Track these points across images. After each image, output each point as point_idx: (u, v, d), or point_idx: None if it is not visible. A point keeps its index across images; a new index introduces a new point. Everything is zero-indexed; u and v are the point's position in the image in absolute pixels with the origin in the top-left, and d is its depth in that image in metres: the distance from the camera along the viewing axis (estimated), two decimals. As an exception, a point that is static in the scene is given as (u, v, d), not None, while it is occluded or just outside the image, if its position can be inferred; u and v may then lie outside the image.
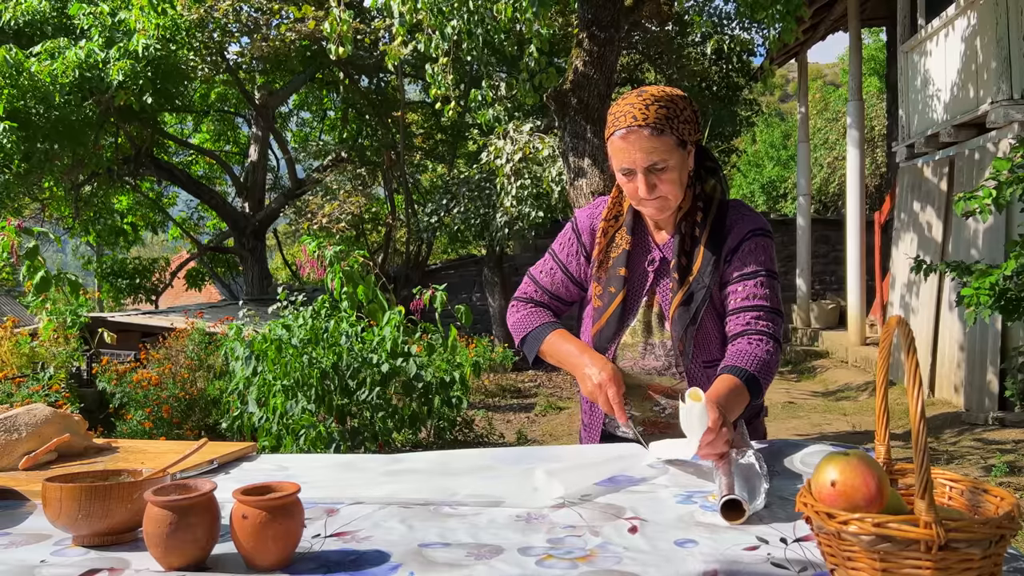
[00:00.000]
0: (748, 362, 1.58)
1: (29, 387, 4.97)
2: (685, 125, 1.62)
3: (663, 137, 1.59)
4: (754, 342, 1.61)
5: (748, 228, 1.68)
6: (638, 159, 1.60)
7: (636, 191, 1.63)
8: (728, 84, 11.85)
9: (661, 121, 1.58)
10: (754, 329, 1.62)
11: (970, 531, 0.85)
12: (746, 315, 1.64)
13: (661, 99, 1.60)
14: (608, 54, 5.25)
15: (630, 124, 1.59)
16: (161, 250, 22.58)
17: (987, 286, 3.98)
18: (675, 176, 1.62)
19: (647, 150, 1.59)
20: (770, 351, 1.60)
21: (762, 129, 22.22)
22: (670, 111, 1.60)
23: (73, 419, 1.69)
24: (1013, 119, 6.16)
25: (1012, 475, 4.55)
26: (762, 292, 1.65)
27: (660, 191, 1.62)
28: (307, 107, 15.99)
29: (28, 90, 8.72)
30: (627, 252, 1.73)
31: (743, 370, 1.57)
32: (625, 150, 1.60)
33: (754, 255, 1.67)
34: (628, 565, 1.04)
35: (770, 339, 1.62)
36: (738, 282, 1.66)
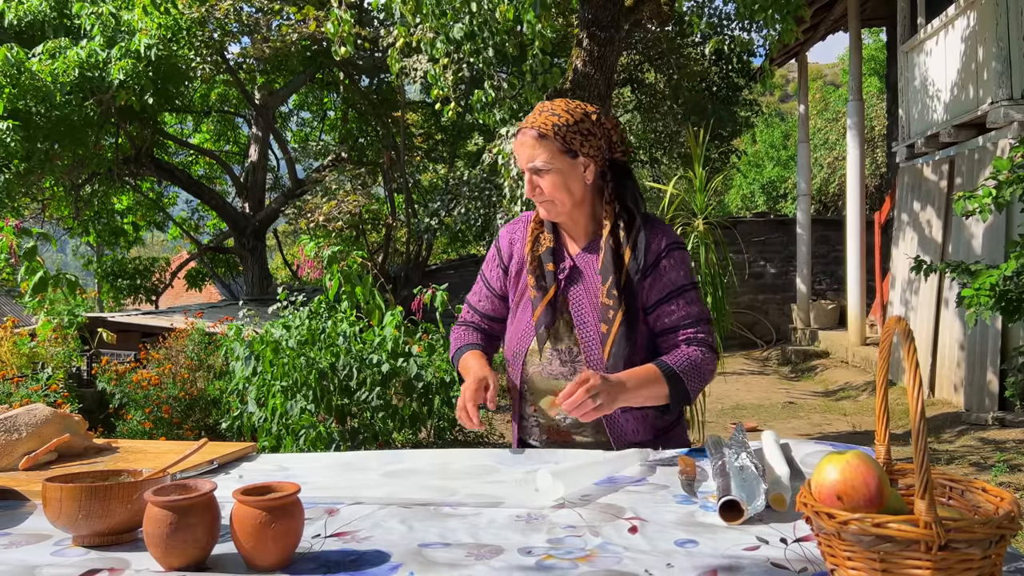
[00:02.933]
0: (676, 360, 1.67)
1: (28, 387, 4.97)
2: (579, 136, 1.71)
3: (546, 142, 1.70)
4: (691, 348, 1.71)
5: (664, 244, 1.75)
6: (522, 159, 1.74)
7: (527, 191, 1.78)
8: (728, 84, 11.85)
9: (547, 127, 1.70)
10: (693, 339, 1.72)
11: (970, 531, 0.85)
12: (685, 331, 1.73)
13: (560, 110, 1.72)
14: (608, 54, 5.25)
15: (521, 127, 1.74)
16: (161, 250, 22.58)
17: (987, 287, 3.98)
18: (558, 180, 1.72)
19: (529, 152, 1.72)
20: (704, 357, 1.70)
21: (762, 129, 22.21)
22: (564, 120, 1.71)
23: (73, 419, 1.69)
24: (1013, 119, 6.16)
25: (1012, 475, 4.55)
26: (694, 309, 1.74)
27: (544, 194, 1.73)
28: (307, 107, 15.99)
29: (29, 89, 8.73)
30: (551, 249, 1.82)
31: (667, 365, 1.66)
32: (516, 150, 1.75)
33: (676, 270, 1.75)
34: (628, 565, 1.04)
35: (707, 349, 1.71)
36: (670, 301, 1.74)
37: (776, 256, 12.82)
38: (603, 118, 1.76)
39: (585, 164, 1.73)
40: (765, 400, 7.93)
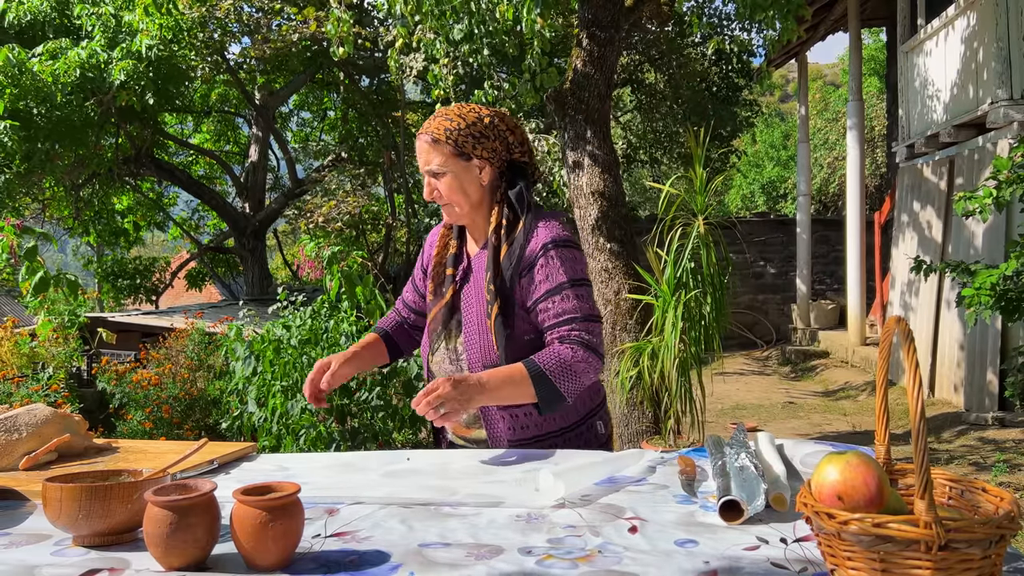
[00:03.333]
0: (545, 358, 1.66)
1: (29, 387, 4.97)
2: (471, 139, 1.75)
3: (439, 146, 1.76)
4: (564, 346, 1.68)
5: (542, 242, 1.75)
6: (421, 163, 1.80)
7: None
8: (728, 84, 11.85)
9: (439, 131, 1.75)
10: (567, 337, 1.69)
11: (970, 531, 0.85)
12: (561, 329, 1.71)
13: (453, 114, 1.77)
14: (608, 54, 5.25)
15: (419, 132, 1.80)
16: (161, 250, 22.58)
17: (988, 287, 3.98)
18: (454, 183, 1.77)
19: (425, 156, 1.78)
20: (576, 355, 1.67)
21: (762, 129, 22.20)
22: (456, 124, 1.75)
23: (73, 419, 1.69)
24: (1013, 119, 6.16)
25: (1012, 475, 4.55)
26: (570, 306, 1.71)
27: (441, 197, 1.79)
28: (307, 107, 15.99)
29: (30, 90, 8.72)
30: (454, 255, 1.88)
31: (534, 364, 1.65)
32: (416, 155, 1.81)
33: (552, 268, 1.73)
34: (628, 565, 1.04)
35: (581, 346, 1.68)
36: (545, 299, 1.73)
37: (776, 256, 12.82)
38: (499, 121, 1.79)
39: (480, 166, 1.78)
40: (765, 400, 7.93)
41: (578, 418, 1.83)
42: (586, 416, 1.85)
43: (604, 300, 5.15)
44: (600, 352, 1.71)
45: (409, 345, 2.05)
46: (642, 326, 4.99)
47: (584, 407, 1.84)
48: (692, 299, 4.29)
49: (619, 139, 13.44)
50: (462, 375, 1.61)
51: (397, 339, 2.02)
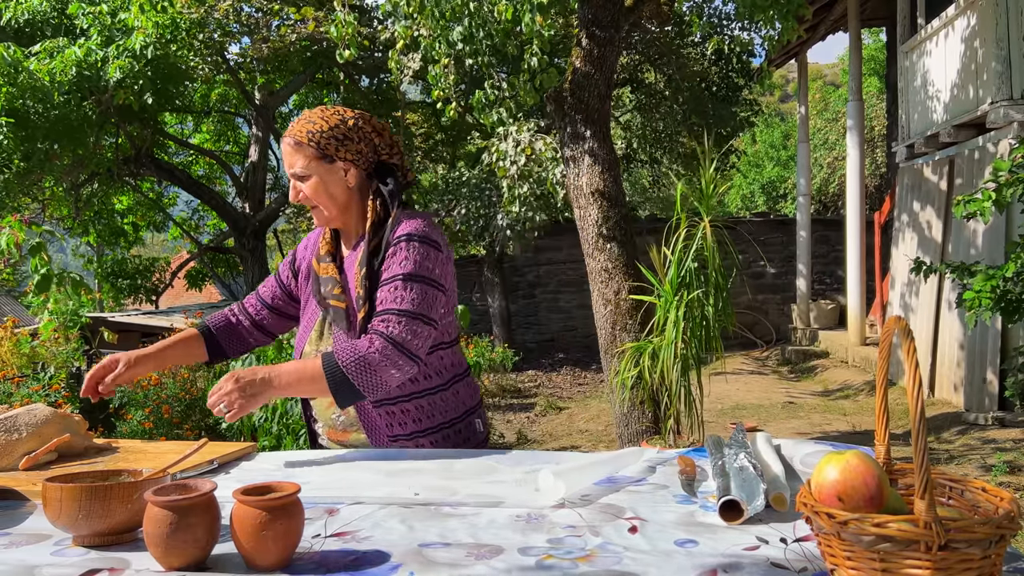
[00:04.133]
0: (344, 353, 1.64)
1: (29, 387, 4.97)
2: (335, 141, 1.76)
3: (302, 149, 1.76)
4: (366, 339, 1.66)
5: (397, 235, 1.76)
6: (286, 166, 1.80)
7: None
8: (728, 84, 11.84)
9: (302, 134, 1.76)
10: (374, 329, 1.67)
11: (970, 531, 0.85)
12: (376, 320, 1.69)
13: (316, 117, 1.78)
14: (608, 54, 5.25)
15: (284, 136, 1.80)
16: (161, 250, 22.58)
17: (989, 289, 3.98)
18: (319, 187, 1.78)
19: (289, 159, 1.78)
20: (373, 347, 1.64)
21: (762, 129, 22.20)
22: (318, 127, 1.76)
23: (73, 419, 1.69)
24: (1013, 119, 6.16)
25: (1012, 475, 4.55)
26: (392, 296, 1.70)
27: (308, 200, 1.79)
28: (307, 107, 15.97)
29: (27, 89, 8.72)
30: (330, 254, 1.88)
31: (331, 359, 1.63)
32: (282, 158, 1.81)
33: (396, 259, 1.73)
34: (628, 565, 1.04)
35: (386, 340, 1.64)
36: (380, 288, 1.74)
37: (776, 256, 12.82)
38: (363, 123, 1.80)
39: (345, 168, 1.79)
40: (765, 400, 7.93)
41: (456, 415, 1.86)
42: (464, 414, 1.88)
43: (604, 300, 5.15)
44: (410, 350, 1.66)
45: (238, 347, 2.01)
46: (642, 326, 4.99)
47: (463, 405, 1.87)
48: (694, 299, 4.29)
49: (619, 139, 13.44)
50: (250, 370, 1.61)
51: (222, 339, 1.97)
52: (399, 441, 1.79)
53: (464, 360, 1.94)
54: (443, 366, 1.84)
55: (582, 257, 5.40)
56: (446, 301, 1.78)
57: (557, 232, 12.00)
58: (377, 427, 1.79)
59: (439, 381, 1.83)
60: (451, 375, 1.86)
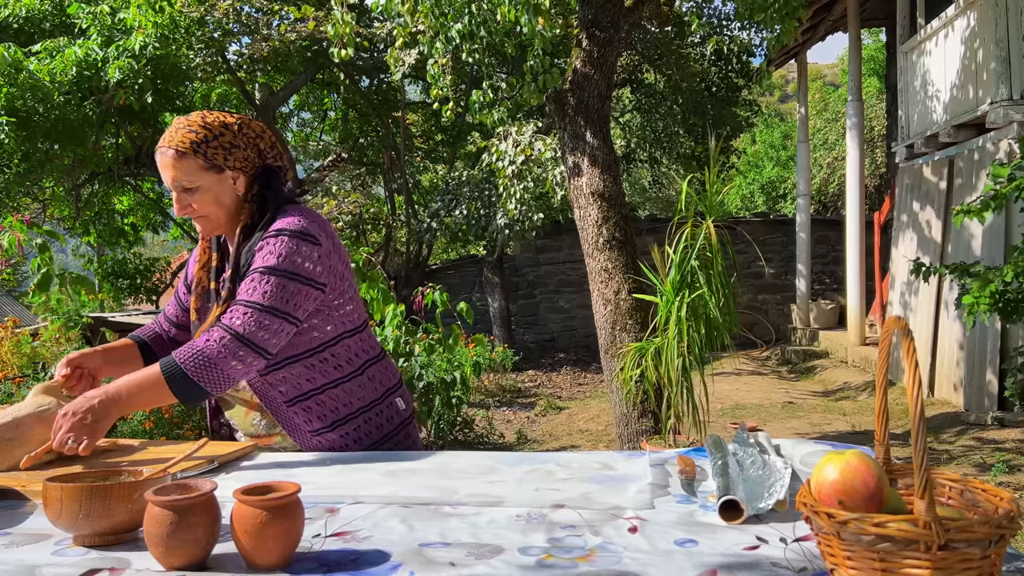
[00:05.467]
0: (183, 353, 1.60)
1: (29, 387, 4.96)
2: (222, 150, 1.70)
3: (187, 160, 1.68)
4: (207, 333, 1.63)
5: (271, 229, 1.72)
6: (167, 178, 1.70)
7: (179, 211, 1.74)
8: (728, 85, 11.85)
9: (185, 145, 1.67)
10: (218, 322, 1.64)
11: (970, 531, 0.85)
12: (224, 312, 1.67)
13: (197, 124, 1.69)
14: (608, 55, 5.25)
15: (160, 146, 1.70)
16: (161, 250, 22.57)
17: (988, 294, 3.98)
18: (209, 197, 1.71)
19: (173, 170, 1.69)
20: (211, 338, 1.60)
21: (762, 130, 22.20)
22: (202, 136, 1.68)
23: None
24: (1013, 119, 6.16)
25: (1011, 475, 4.55)
26: (247, 287, 1.65)
27: (196, 211, 1.72)
28: (307, 107, 15.98)
29: (27, 89, 8.71)
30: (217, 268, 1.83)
31: (170, 362, 1.59)
32: (161, 171, 1.71)
33: (260, 254, 1.69)
34: (628, 565, 1.04)
35: (227, 332, 1.61)
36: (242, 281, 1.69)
37: (776, 256, 12.83)
38: (247, 128, 1.76)
39: (234, 177, 1.74)
40: (765, 400, 7.93)
41: (376, 396, 1.84)
42: (384, 394, 1.86)
43: (604, 300, 5.15)
44: (254, 342, 1.61)
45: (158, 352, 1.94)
46: (642, 326, 4.99)
47: (381, 385, 1.86)
48: (696, 299, 4.29)
49: (619, 139, 13.44)
50: (84, 397, 1.58)
51: (155, 348, 1.92)
52: (322, 434, 1.78)
53: (377, 344, 1.92)
54: (351, 355, 1.82)
55: (582, 257, 5.40)
56: (319, 296, 1.71)
57: (557, 232, 12.00)
58: (296, 425, 1.78)
59: (350, 369, 1.81)
60: (362, 361, 1.84)
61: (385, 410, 1.86)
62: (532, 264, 12.92)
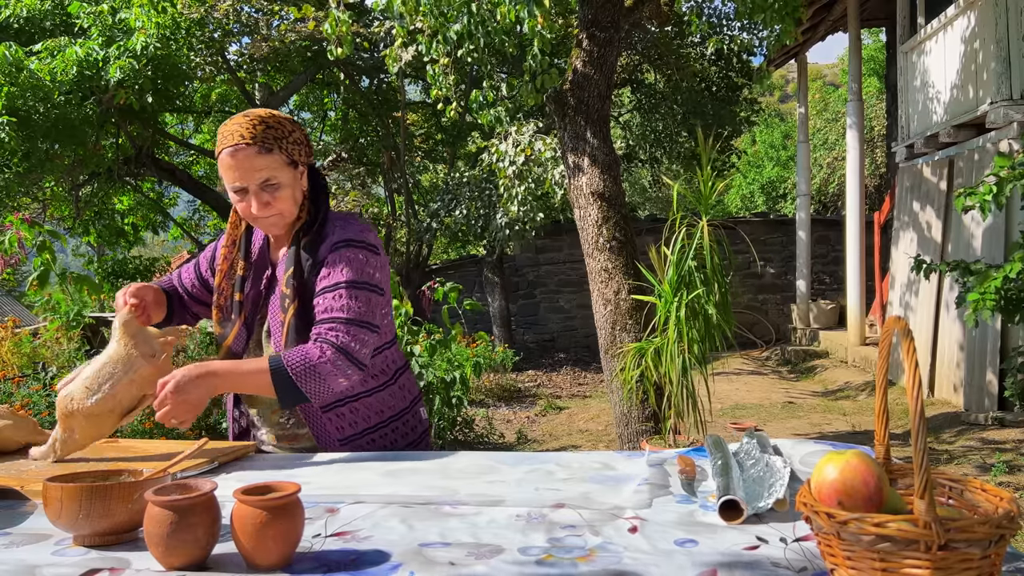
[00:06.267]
0: (290, 357, 1.62)
1: (29, 387, 4.96)
2: (294, 146, 1.71)
3: (272, 155, 1.67)
4: (315, 346, 1.65)
5: (336, 240, 1.73)
6: (250, 177, 1.67)
7: (249, 209, 1.70)
8: (728, 84, 11.85)
9: (269, 140, 1.67)
10: (320, 336, 1.66)
11: (970, 531, 0.85)
12: (321, 327, 1.67)
13: (268, 120, 1.69)
14: (608, 54, 5.25)
15: (237, 143, 1.66)
16: (162, 250, 22.56)
17: (992, 291, 3.98)
18: (287, 193, 1.71)
19: (257, 167, 1.67)
20: (323, 354, 1.63)
21: (762, 129, 22.20)
22: (278, 131, 1.69)
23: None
24: (1013, 119, 6.16)
25: (1012, 475, 4.55)
26: (338, 304, 1.68)
27: (274, 208, 1.70)
28: (308, 107, 15.98)
29: (28, 88, 8.71)
30: (242, 278, 1.81)
31: (278, 362, 1.62)
32: (235, 168, 1.67)
33: (336, 267, 1.70)
34: (628, 565, 1.04)
35: (332, 347, 1.64)
36: (320, 295, 1.70)
37: (776, 256, 12.83)
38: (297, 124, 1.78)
39: (302, 172, 1.75)
40: (764, 400, 7.93)
41: (404, 405, 1.86)
42: (411, 403, 1.89)
43: (604, 300, 5.15)
44: (357, 359, 1.66)
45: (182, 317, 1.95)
46: (642, 326, 4.99)
47: (409, 394, 1.88)
48: (695, 299, 4.29)
49: (619, 139, 13.43)
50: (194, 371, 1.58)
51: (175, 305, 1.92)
52: (351, 442, 1.79)
53: (402, 353, 1.95)
54: (387, 363, 1.85)
55: (582, 257, 5.40)
56: (385, 304, 1.77)
57: (557, 232, 12.00)
58: (327, 432, 1.78)
59: (385, 378, 1.84)
60: (394, 370, 1.87)
61: (411, 419, 1.88)
62: (532, 264, 12.92)
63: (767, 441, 1.51)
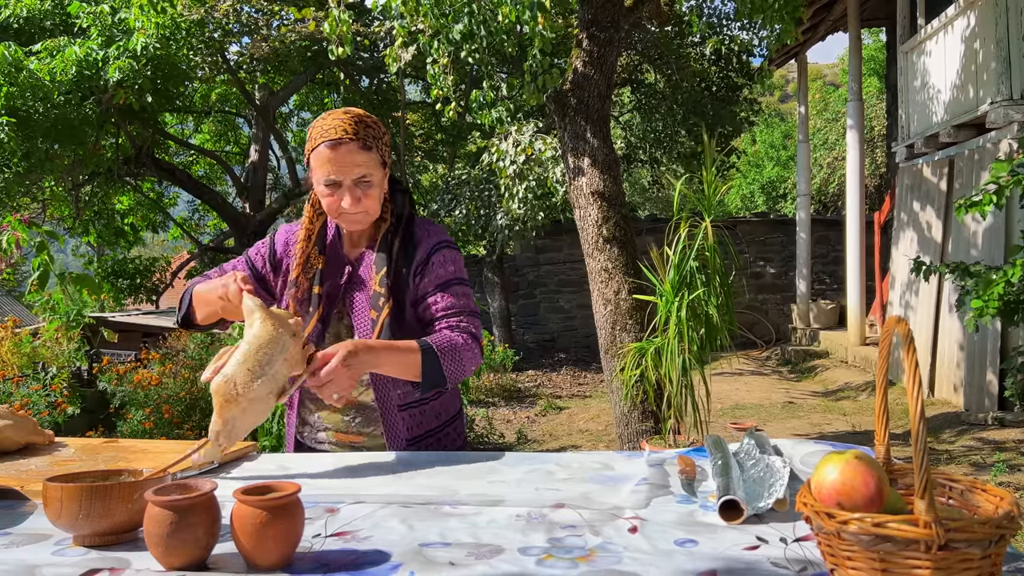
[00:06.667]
0: (437, 340, 1.69)
1: (29, 387, 4.97)
2: (385, 148, 1.75)
3: (370, 153, 1.70)
4: (455, 333, 1.73)
5: (433, 242, 1.79)
6: (348, 171, 1.68)
7: (337, 203, 1.71)
8: (728, 84, 11.84)
9: (370, 139, 1.70)
10: (456, 327, 1.75)
11: (970, 531, 0.85)
12: (449, 320, 1.75)
13: (367, 119, 1.72)
14: (608, 54, 5.25)
15: (341, 137, 1.68)
16: (161, 250, 22.57)
17: (995, 296, 3.98)
18: (377, 192, 1.74)
19: (357, 163, 1.68)
20: (467, 342, 1.72)
21: (762, 129, 22.20)
22: (375, 131, 1.72)
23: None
24: (1013, 119, 6.16)
25: (1012, 475, 4.55)
26: (460, 301, 1.77)
27: (363, 205, 1.72)
28: (308, 107, 15.99)
29: (27, 88, 8.71)
30: (320, 271, 1.81)
31: (427, 343, 1.67)
32: (334, 161, 1.68)
33: (444, 267, 1.78)
34: (628, 565, 1.04)
35: (469, 336, 1.74)
36: (435, 293, 1.77)
37: (776, 256, 12.82)
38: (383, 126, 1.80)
39: (386, 174, 1.77)
40: (765, 400, 7.93)
41: (456, 409, 1.92)
42: (460, 409, 1.95)
43: (604, 300, 5.15)
44: (482, 347, 1.78)
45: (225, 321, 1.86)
46: (642, 326, 4.99)
47: (458, 400, 1.94)
48: (696, 299, 4.29)
49: (619, 139, 13.43)
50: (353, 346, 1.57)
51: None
52: (418, 443, 1.80)
53: None
54: None
55: (582, 257, 5.40)
56: None
57: (557, 232, 12.00)
58: (398, 431, 1.79)
59: None
60: None
61: (459, 424, 1.91)
62: (532, 264, 12.92)
63: (767, 441, 1.51)
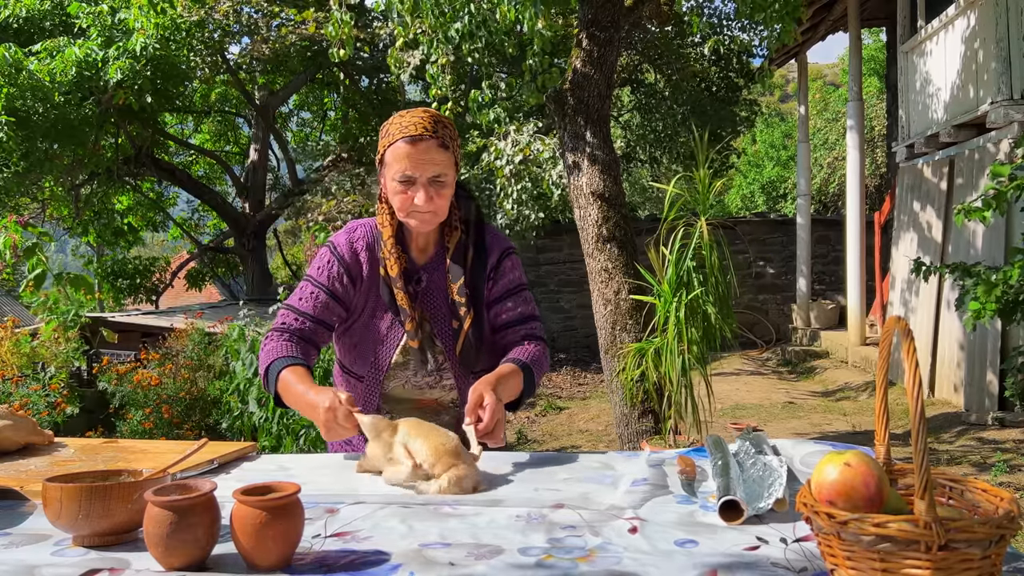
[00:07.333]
0: (525, 355, 1.75)
1: (29, 387, 4.97)
2: (459, 150, 1.74)
3: (448, 153, 1.69)
4: (535, 344, 1.80)
5: (502, 248, 1.83)
6: (424, 169, 1.65)
7: (410, 201, 1.67)
8: (728, 85, 11.84)
9: (447, 138, 1.69)
10: (532, 336, 1.81)
11: (970, 531, 0.85)
12: (523, 327, 1.81)
13: (443, 120, 1.71)
14: (608, 54, 5.25)
15: (421, 134, 1.65)
16: (161, 250, 22.57)
17: (994, 297, 3.98)
18: (449, 192, 1.71)
19: (435, 161, 1.66)
20: (543, 350, 1.81)
21: (762, 129, 22.20)
22: (452, 132, 1.71)
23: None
24: (1013, 119, 6.16)
25: (1012, 475, 4.55)
26: (529, 308, 1.84)
27: (435, 204, 1.68)
28: (307, 107, 15.99)
29: (27, 88, 8.71)
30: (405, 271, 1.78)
31: (521, 361, 1.73)
32: (412, 157, 1.65)
33: (512, 272, 1.83)
34: (628, 565, 1.04)
35: (543, 343, 1.83)
36: (507, 298, 1.82)
37: (776, 256, 12.82)
38: None
39: (456, 176, 1.76)
40: (765, 400, 7.93)
41: None
42: None
43: (604, 300, 5.15)
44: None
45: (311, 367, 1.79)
46: (642, 326, 4.99)
47: None
48: (694, 299, 4.29)
49: (619, 139, 13.43)
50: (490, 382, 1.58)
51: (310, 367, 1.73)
52: None
53: None
54: None
55: (582, 257, 5.40)
56: None
57: (557, 232, 11.99)
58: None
59: None
60: None
61: None
62: (532, 264, 12.91)
63: (764, 440, 1.50)
